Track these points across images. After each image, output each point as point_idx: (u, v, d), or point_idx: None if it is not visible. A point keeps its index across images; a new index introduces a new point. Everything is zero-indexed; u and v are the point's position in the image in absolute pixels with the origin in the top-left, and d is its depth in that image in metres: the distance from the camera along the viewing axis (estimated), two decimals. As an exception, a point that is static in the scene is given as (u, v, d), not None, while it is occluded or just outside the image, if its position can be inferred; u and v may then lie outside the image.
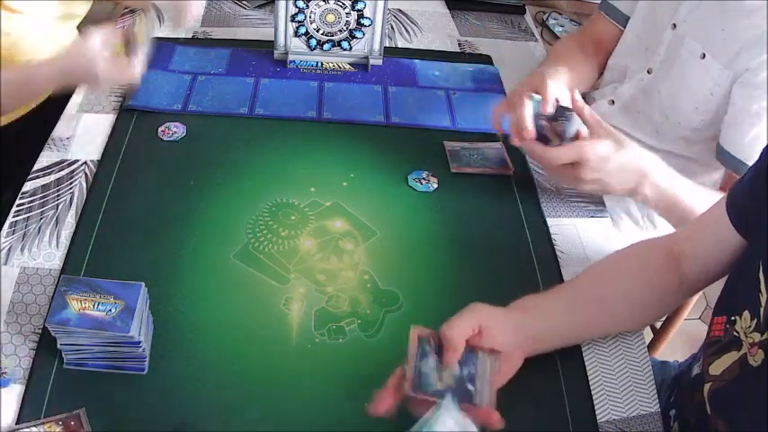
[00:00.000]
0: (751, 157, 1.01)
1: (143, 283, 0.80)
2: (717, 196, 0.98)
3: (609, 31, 1.28)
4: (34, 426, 0.75)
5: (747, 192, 0.78)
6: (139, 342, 0.77)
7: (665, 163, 0.97)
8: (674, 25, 1.12)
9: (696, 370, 0.83)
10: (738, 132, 1.03)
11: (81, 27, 1.38)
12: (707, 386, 0.77)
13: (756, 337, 0.70)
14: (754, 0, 1.00)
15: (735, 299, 0.77)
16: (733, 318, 0.75)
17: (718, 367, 0.76)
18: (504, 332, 0.77)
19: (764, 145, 0.77)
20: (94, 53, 1.01)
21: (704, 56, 1.05)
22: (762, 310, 0.70)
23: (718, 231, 0.81)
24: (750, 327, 0.72)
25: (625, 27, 1.24)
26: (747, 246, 0.78)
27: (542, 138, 0.97)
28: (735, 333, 0.74)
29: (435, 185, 1.08)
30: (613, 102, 1.24)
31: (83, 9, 1.28)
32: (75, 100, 1.19)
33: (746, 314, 0.73)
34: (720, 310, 0.79)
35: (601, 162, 0.92)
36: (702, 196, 0.95)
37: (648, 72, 1.18)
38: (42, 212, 0.99)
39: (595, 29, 1.31)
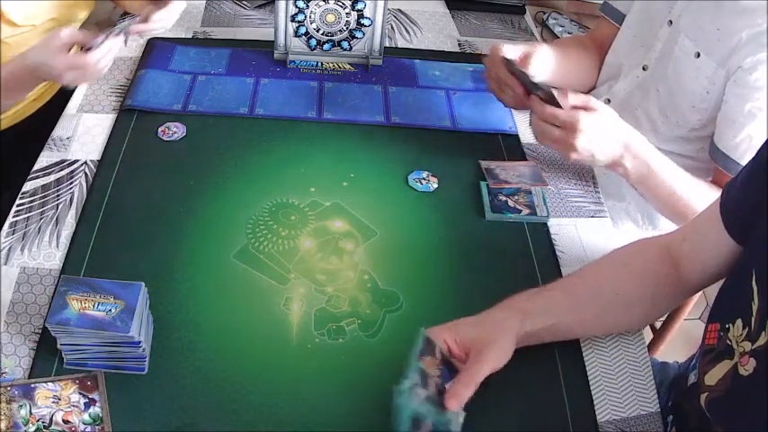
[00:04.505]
0: (743, 157, 1.01)
1: (143, 283, 0.80)
2: (695, 180, 1.03)
3: (609, 31, 1.29)
4: (51, 381, 0.77)
5: (741, 196, 0.77)
6: (139, 342, 0.77)
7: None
8: (671, 22, 1.12)
9: (693, 378, 0.82)
10: (731, 131, 1.03)
11: (82, 29, 1.38)
12: (703, 396, 0.77)
13: (747, 346, 0.70)
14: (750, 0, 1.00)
15: (728, 306, 0.76)
16: (727, 325, 0.74)
17: (713, 377, 0.75)
18: (498, 352, 0.78)
19: (756, 145, 0.77)
20: (54, 48, 1.01)
21: (699, 55, 1.06)
22: (753, 318, 0.70)
23: (713, 234, 0.80)
24: (741, 335, 0.71)
25: None
26: (742, 251, 0.77)
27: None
28: (728, 341, 0.73)
29: (435, 185, 1.08)
30: (609, 101, 1.25)
31: (84, 14, 1.28)
32: (76, 100, 1.19)
33: (739, 322, 0.72)
34: (714, 317, 0.78)
35: (592, 132, 0.96)
36: (682, 175, 1.01)
37: (644, 69, 1.18)
38: (42, 212, 0.99)
39: (597, 30, 1.34)
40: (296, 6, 1.24)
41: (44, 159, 1.07)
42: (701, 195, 1.00)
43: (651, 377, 0.87)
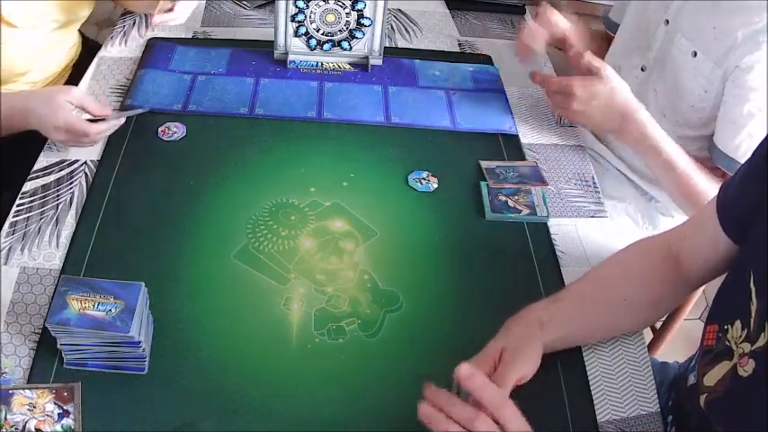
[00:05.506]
0: (744, 157, 1.01)
1: (143, 283, 0.80)
2: (700, 166, 1.04)
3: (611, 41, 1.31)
4: (28, 389, 0.76)
5: (739, 195, 0.77)
6: (139, 342, 0.78)
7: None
8: (667, 21, 1.12)
9: (692, 379, 0.82)
10: (731, 132, 1.03)
11: (82, 29, 1.38)
12: (702, 397, 0.77)
13: (747, 347, 0.70)
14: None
15: (727, 307, 0.76)
16: (725, 326, 0.74)
17: (711, 378, 0.75)
18: (527, 360, 0.79)
19: (756, 144, 0.77)
20: (61, 102, 0.99)
21: (696, 54, 1.06)
22: (752, 319, 0.70)
23: (711, 232, 0.80)
24: (741, 336, 0.71)
25: None
26: (739, 251, 0.77)
27: None
28: (727, 342, 0.73)
29: (435, 185, 1.08)
30: None
31: (86, 12, 1.27)
32: (76, 100, 1.19)
33: (738, 323, 0.72)
34: (713, 318, 0.78)
35: (587, 98, 1.05)
36: (687, 159, 1.04)
37: (642, 69, 1.18)
38: (42, 212, 0.99)
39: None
40: (296, 6, 1.24)
41: (44, 159, 1.07)
42: (706, 178, 1.02)
43: (651, 377, 0.87)
